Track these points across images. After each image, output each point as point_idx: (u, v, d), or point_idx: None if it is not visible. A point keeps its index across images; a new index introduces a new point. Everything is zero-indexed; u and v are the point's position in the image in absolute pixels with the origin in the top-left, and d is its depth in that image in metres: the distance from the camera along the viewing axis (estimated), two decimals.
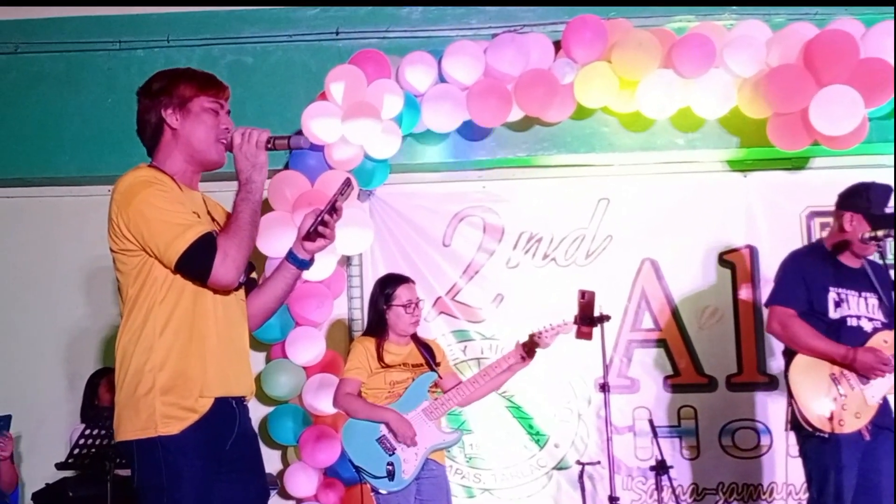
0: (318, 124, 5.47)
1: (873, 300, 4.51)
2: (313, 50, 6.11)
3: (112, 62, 6.15)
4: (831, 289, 4.49)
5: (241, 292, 2.99)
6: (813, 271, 4.53)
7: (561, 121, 5.79)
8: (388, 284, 4.92)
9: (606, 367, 4.94)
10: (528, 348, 4.85)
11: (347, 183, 2.96)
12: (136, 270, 2.83)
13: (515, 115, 5.69)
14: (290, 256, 3.03)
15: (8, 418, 5.29)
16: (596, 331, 4.88)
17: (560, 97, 5.61)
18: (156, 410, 2.76)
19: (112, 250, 2.87)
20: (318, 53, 6.08)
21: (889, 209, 4.49)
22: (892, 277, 4.44)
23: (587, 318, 4.80)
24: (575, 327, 4.84)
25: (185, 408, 2.79)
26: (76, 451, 4.65)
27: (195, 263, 2.77)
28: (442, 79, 5.68)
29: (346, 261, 5.99)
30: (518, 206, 6.13)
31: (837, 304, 4.47)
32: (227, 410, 2.88)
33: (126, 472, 5.03)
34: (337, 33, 6.09)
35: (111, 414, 4.78)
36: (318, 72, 5.77)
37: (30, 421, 5.84)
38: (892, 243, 5.93)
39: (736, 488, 5.84)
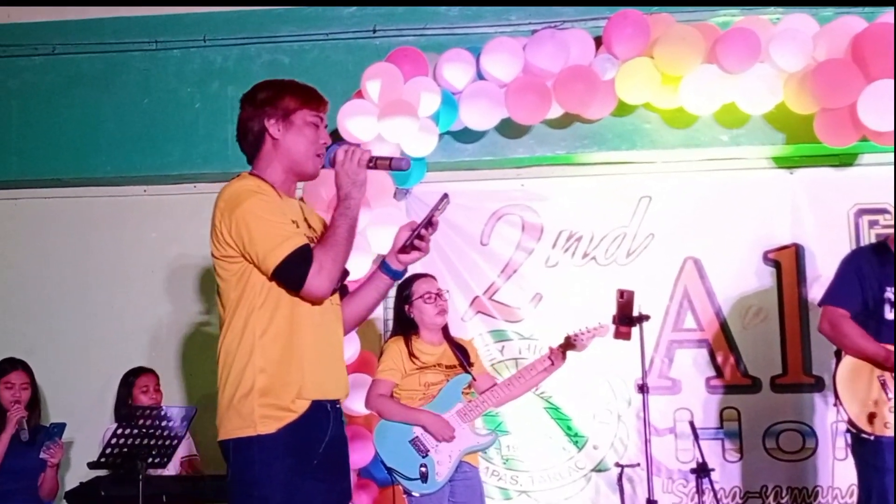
0: (354, 123, 5.42)
1: None
2: (350, 48, 6.06)
3: (149, 62, 6.15)
4: (888, 288, 4.38)
5: (336, 297, 3.07)
6: (869, 271, 4.43)
7: (602, 117, 5.69)
8: (405, 285, 4.92)
9: (645, 368, 4.85)
10: (563, 350, 4.81)
11: (444, 197, 3.05)
12: (237, 277, 2.93)
13: (555, 112, 5.61)
14: (384, 267, 3.13)
15: (62, 426, 5.32)
16: (635, 331, 4.79)
17: (601, 93, 5.51)
18: (254, 411, 2.86)
19: (214, 256, 2.98)
20: (354, 52, 6.02)
21: None
22: None
23: (626, 318, 4.74)
24: (613, 327, 4.77)
25: (282, 408, 2.88)
26: (108, 450, 4.65)
27: (291, 274, 2.86)
28: (480, 76, 5.60)
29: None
30: (557, 204, 6.04)
31: (893, 305, 4.36)
32: (322, 413, 2.96)
33: (157, 472, 5.07)
34: (374, 31, 6.04)
35: (145, 413, 4.85)
36: (355, 70, 5.69)
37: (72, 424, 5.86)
38: None
39: (780, 492, 5.70)
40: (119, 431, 4.68)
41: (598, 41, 5.59)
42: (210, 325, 6.19)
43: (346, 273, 3.08)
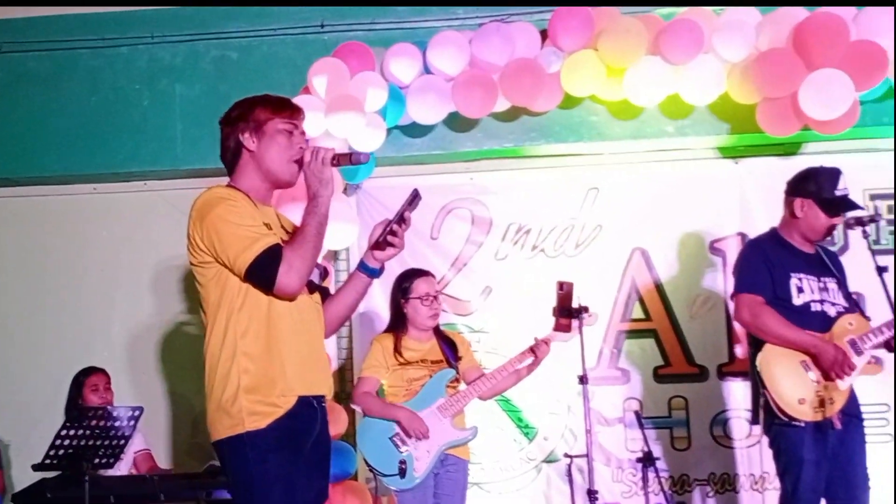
0: None
1: (833, 284, 4.46)
2: (298, 43, 6.05)
3: (96, 60, 6.13)
4: (792, 275, 4.42)
5: (317, 296, 3.16)
6: (774, 258, 4.47)
7: (548, 110, 5.71)
8: (406, 278, 4.95)
9: (585, 360, 4.90)
10: (546, 341, 4.89)
11: (414, 193, 3.12)
12: (214, 281, 3.02)
13: (502, 105, 5.63)
14: (362, 266, 3.21)
15: None
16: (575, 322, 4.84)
17: (547, 86, 5.54)
18: (242, 408, 2.94)
19: (192, 264, 3.08)
20: (303, 47, 6.02)
21: (839, 192, 4.43)
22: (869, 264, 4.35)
23: (566, 310, 4.76)
24: (553, 320, 4.80)
25: (269, 404, 2.96)
26: (51, 451, 4.61)
27: (262, 273, 2.94)
28: (427, 70, 5.62)
29: (334, 256, 5.95)
30: (506, 197, 6.07)
31: (800, 290, 4.40)
32: (309, 409, 3.05)
33: (106, 472, 5.05)
34: (322, 26, 6.04)
35: (96, 414, 4.82)
36: (304, 65, 5.68)
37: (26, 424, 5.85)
38: (891, 228, 5.86)
39: (728, 479, 5.76)
40: (63, 433, 4.64)
41: (544, 34, 5.61)
42: (163, 324, 6.20)
43: (326, 272, 3.19)
